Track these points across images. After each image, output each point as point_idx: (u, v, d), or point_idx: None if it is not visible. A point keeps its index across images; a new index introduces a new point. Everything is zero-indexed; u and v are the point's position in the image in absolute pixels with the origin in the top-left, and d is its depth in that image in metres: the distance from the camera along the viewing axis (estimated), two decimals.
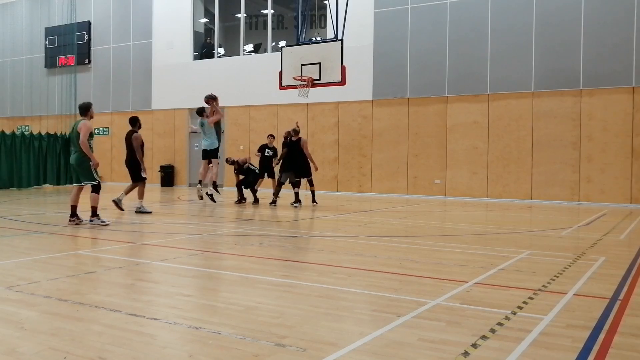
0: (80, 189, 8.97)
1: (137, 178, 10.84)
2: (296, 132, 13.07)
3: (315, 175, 13.64)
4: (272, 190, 13.48)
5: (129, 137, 10.84)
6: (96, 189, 8.80)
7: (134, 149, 10.69)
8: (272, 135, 14.44)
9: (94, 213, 8.73)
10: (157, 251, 6.46)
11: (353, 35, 16.04)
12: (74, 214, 8.75)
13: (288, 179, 12.93)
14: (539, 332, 3.42)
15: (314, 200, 13.37)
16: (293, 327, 3.49)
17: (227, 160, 14.48)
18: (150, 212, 10.71)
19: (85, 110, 8.81)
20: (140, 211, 10.67)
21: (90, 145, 8.61)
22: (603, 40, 14.46)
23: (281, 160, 13.11)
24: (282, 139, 13.33)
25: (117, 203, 10.82)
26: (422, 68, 16.73)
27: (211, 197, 13.07)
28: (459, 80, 16.25)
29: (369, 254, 6.33)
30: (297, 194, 12.80)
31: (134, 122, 10.92)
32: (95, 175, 8.77)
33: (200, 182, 13.17)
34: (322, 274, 5.21)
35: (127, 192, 11.12)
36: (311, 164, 13.10)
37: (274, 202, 12.75)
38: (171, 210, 12.22)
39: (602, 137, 14.53)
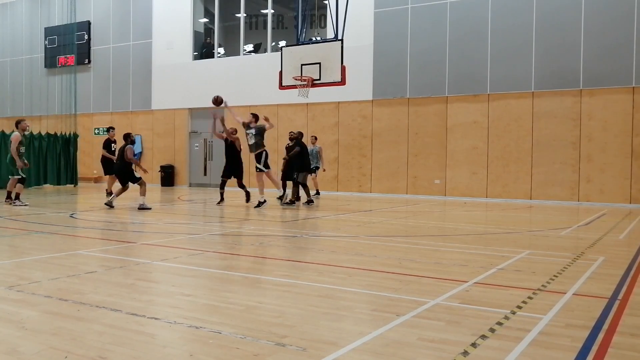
0: None
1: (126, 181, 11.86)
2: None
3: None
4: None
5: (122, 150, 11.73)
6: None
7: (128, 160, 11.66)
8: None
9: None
10: (157, 251, 6.47)
11: (353, 35, 16.02)
12: None
13: (303, 178, 13.08)
14: (539, 332, 3.43)
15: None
16: (293, 326, 3.50)
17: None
18: (150, 209, 11.46)
19: None
20: (142, 208, 11.45)
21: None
22: (603, 40, 14.46)
23: (290, 159, 13.21)
24: (290, 140, 13.53)
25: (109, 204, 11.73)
26: (422, 68, 16.73)
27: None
28: (459, 80, 16.25)
29: (368, 254, 6.34)
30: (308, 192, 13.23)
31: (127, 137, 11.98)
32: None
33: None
34: (322, 273, 5.22)
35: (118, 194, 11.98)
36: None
37: (294, 202, 12.87)
38: (171, 210, 12.23)
39: (602, 137, 14.53)
